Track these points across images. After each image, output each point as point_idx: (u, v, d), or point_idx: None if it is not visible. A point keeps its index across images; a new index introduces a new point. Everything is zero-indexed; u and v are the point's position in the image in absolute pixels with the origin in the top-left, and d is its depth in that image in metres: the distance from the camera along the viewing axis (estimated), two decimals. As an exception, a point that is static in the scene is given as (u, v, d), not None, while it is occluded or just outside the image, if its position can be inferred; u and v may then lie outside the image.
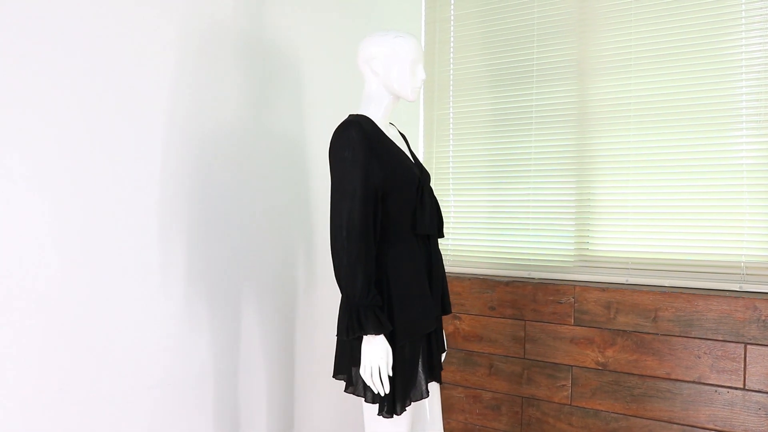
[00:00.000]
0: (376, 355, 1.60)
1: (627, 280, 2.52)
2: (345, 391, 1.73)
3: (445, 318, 2.83)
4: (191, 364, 2.00)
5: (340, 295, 1.69)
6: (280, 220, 2.34)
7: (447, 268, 2.99)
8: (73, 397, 1.68)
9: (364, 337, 1.62)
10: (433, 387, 1.83)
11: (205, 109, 2.04)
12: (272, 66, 2.30)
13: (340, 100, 2.57)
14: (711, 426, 2.26)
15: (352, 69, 2.63)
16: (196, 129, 2.02)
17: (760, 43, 2.28)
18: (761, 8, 2.28)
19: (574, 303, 2.55)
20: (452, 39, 3.03)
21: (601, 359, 2.49)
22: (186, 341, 1.98)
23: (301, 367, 2.42)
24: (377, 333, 1.59)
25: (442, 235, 1.88)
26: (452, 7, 3.03)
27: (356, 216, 1.60)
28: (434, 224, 1.79)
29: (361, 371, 1.63)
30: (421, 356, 1.72)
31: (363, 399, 1.71)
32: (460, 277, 2.87)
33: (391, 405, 1.65)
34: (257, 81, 2.24)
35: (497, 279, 2.78)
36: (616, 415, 2.46)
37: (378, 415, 1.66)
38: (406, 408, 1.68)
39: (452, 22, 3.03)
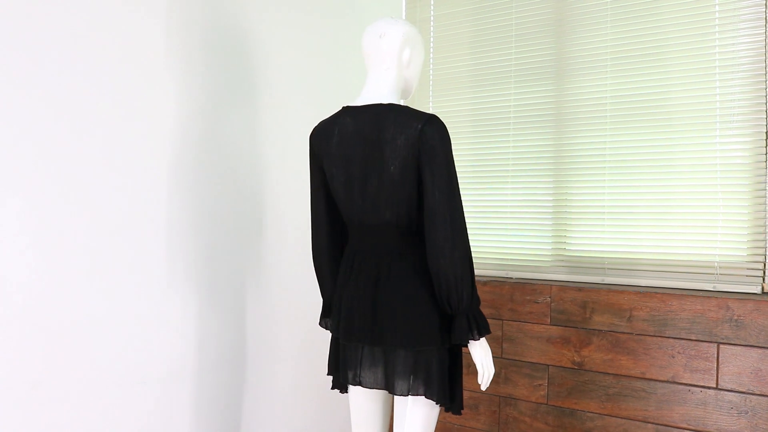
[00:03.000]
0: (490, 351, 1.63)
1: (603, 280, 2.53)
2: (425, 397, 1.59)
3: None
4: (173, 360, 1.99)
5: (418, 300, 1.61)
6: (250, 218, 2.33)
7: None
8: (56, 395, 1.68)
9: (480, 339, 1.61)
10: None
11: (181, 109, 2.04)
12: (256, 66, 2.30)
13: (322, 98, 2.57)
14: (684, 425, 2.28)
15: (331, 67, 2.63)
16: (168, 129, 2.01)
17: (733, 44, 2.29)
18: (734, 9, 2.29)
19: (551, 302, 2.56)
20: (432, 39, 3.03)
21: (577, 359, 2.50)
22: (167, 338, 1.98)
23: (287, 364, 2.42)
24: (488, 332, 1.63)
25: None
26: (432, 7, 3.03)
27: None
28: None
29: (486, 371, 1.61)
30: None
31: (424, 404, 1.64)
32: (439, 277, 2.87)
33: (461, 400, 1.68)
34: (241, 79, 2.24)
35: (475, 278, 2.78)
36: (591, 414, 2.47)
37: (456, 413, 1.65)
38: None
39: (432, 23, 3.03)
